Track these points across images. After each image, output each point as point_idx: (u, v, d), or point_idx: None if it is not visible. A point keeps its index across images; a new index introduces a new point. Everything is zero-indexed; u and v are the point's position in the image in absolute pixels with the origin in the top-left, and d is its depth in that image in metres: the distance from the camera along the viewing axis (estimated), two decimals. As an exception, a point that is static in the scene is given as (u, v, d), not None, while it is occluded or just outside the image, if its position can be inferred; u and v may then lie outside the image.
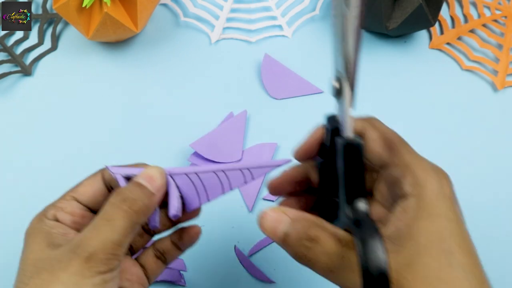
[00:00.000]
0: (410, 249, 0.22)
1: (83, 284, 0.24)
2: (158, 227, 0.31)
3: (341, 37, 0.23)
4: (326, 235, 0.23)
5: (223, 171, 0.29)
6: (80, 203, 0.29)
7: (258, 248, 0.42)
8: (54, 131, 0.47)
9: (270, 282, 0.41)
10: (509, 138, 0.47)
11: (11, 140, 0.46)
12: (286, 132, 0.47)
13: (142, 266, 0.32)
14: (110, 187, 0.30)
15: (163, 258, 0.33)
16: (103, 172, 0.30)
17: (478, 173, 0.46)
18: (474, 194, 0.45)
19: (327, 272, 0.24)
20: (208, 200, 0.30)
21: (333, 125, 0.27)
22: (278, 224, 0.25)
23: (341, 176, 0.25)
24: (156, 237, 0.33)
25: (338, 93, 0.26)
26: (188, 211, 0.31)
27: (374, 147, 0.26)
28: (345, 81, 0.25)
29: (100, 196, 0.30)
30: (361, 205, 0.25)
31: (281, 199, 0.32)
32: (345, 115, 0.26)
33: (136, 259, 0.33)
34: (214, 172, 0.29)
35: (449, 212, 0.23)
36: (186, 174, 0.30)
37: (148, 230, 0.33)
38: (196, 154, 0.45)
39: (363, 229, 0.23)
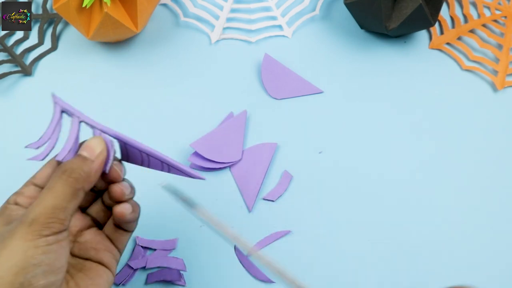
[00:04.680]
0: None
1: (27, 247, 0.25)
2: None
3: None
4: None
5: (148, 154, 0.32)
6: (38, 186, 0.31)
7: (258, 248, 0.42)
8: (54, 131, 0.47)
9: (270, 282, 0.41)
10: (509, 138, 0.47)
11: (11, 140, 0.46)
12: (286, 132, 0.47)
13: (107, 236, 0.33)
14: None
15: (122, 228, 0.34)
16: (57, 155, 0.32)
17: (478, 173, 0.46)
18: (474, 193, 0.45)
19: None
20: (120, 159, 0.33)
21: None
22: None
23: None
24: None
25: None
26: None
27: None
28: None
29: None
30: None
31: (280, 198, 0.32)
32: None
33: (102, 231, 0.34)
34: (142, 151, 0.32)
35: None
36: (134, 146, 0.32)
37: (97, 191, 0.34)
38: (196, 154, 0.45)
39: None
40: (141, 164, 0.33)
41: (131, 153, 0.33)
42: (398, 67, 0.50)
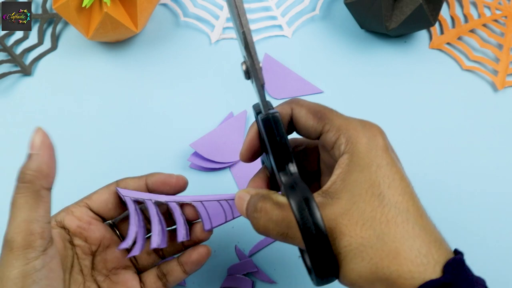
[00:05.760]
0: (345, 200, 0.25)
1: (9, 272, 0.25)
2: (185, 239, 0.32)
3: (235, 21, 0.25)
4: (269, 204, 0.26)
5: (226, 200, 0.32)
6: (91, 209, 0.31)
7: (258, 248, 0.42)
8: (54, 130, 0.46)
9: (271, 282, 0.41)
10: (509, 138, 0.47)
11: (11, 139, 0.46)
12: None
13: (143, 283, 0.33)
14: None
15: (165, 280, 0.33)
16: (118, 182, 0.32)
17: (478, 173, 0.46)
18: (474, 194, 0.45)
19: (280, 237, 0.26)
20: (212, 226, 0.33)
21: (258, 111, 0.29)
22: (243, 202, 0.28)
23: (269, 148, 0.27)
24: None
25: (247, 74, 0.27)
26: (194, 238, 0.33)
27: (305, 121, 0.28)
28: (250, 62, 0.26)
29: (111, 205, 0.32)
30: (291, 168, 0.27)
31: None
32: (257, 93, 0.28)
33: (139, 275, 0.34)
34: (217, 201, 0.32)
35: (380, 160, 0.25)
36: (192, 202, 0.32)
37: (157, 251, 0.34)
38: (196, 154, 0.45)
39: (295, 191, 0.25)
40: (225, 218, 0.33)
41: (212, 214, 0.33)
42: (398, 67, 0.50)
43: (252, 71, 0.27)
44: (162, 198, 0.32)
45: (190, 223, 0.33)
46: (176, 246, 0.34)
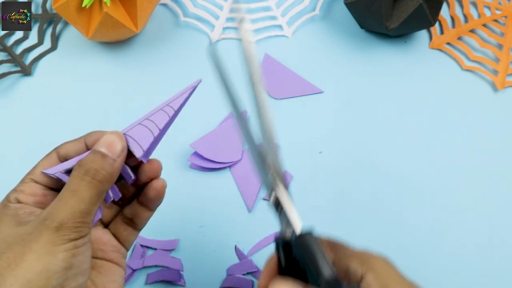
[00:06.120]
0: None
1: (55, 250, 0.25)
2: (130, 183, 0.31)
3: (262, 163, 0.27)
4: None
5: (146, 118, 0.31)
6: (39, 183, 0.30)
7: (258, 248, 0.42)
8: (54, 130, 0.47)
9: (270, 282, 0.41)
10: (509, 138, 0.47)
11: (11, 139, 0.46)
12: (286, 132, 0.47)
13: (114, 235, 0.33)
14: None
15: (133, 224, 0.33)
16: (57, 150, 0.31)
17: (478, 173, 0.46)
18: (474, 193, 0.45)
19: None
20: (143, 150, 0.30)
21: (283, 242, 0.28)
22: None
23: (308, 268, 0.26)
24: None
25: (277, 204, 0.28)
26: (146, 160, 0.31)
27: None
28: (278, 188, 0.27)
29: None
30: (328, 274, 0.25)
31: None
32: (290, 217, 0.27)
33: (108, 229, 0.33)
34: (139, 124, 0.31)
35: (401, 281, 0.27)
36: (139, 124, 0.31)
37: (115, 202, 0.33)
38: (196, 154, 0.45)
39: None
40: (153, 136, 0.31)
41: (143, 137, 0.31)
42: (398, 67, 0.50)
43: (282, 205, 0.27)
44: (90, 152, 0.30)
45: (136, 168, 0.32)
46: (130, 189, 0.33)
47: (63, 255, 0.25)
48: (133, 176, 0.31)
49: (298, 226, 0.27)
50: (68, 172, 0.30)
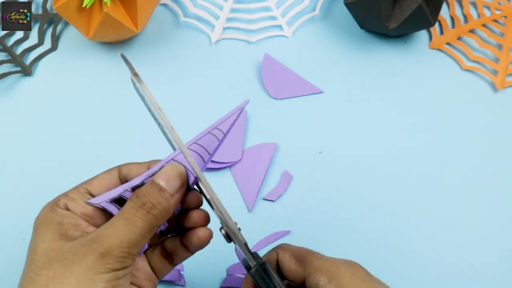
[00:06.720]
0: None
1: (96, 279, 0.24)
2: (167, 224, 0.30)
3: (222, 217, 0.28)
4: None
5: (195, 142, 0.31)
6: (93, 196, 0.29)
7: (258, 248, 0.42)
8: (54, 130, 0.47)
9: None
10: (509, 138, 0.47)
11: (11, 139, 0.46)
12: (286, 132, 0.47)
13: (149, 263, 0.32)
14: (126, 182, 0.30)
15: (170, 259, 0.32)
16: (120, 168, 0.30)
17: (478, 173, 0.46)
18: (474, 193, 0.45)
19: None
20: (194, 176, 0.30)
21: (247, 267, 0.30)
22: None
23: None
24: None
25: (228, 238, 0.30)
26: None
27: (289, 265, 0.30)
28: (227, 228, 0.29)
29: None
30: None
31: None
32: (242, 250, 0.29)
33: (144, 254, 0.32)
34: (196, 143, 0.31)
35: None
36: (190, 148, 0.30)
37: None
38: (196, 154, 0.45)
39: None
40: (204, 159, 0.31)
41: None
42: (398, 67, 0.50)
43: (231, 235, 0.29)
44: (136, 180, 0.29)
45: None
46: (173, 219, 0.32)
47: (103, 286, 0.24)
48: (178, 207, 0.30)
49: (251, 260, 0.29)
50: (113, 201, 0.29)
